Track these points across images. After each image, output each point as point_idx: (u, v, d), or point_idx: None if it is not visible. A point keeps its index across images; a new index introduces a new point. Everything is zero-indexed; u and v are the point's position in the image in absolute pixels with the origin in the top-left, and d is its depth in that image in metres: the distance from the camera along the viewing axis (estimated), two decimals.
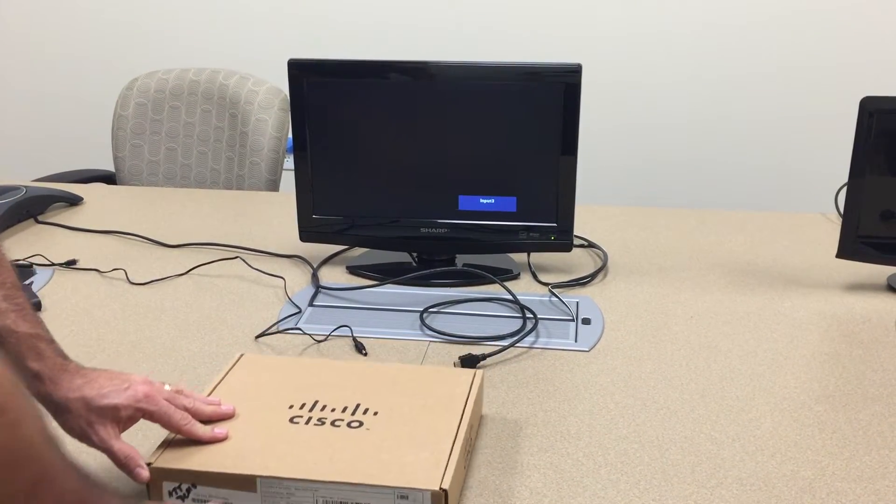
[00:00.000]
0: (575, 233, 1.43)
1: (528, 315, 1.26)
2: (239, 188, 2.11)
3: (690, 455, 0.95)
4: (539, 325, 1.24)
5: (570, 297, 1.36)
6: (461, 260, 1.46)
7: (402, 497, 0.80)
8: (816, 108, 2.57)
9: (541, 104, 1.35)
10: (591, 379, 1.11)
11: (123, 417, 0.83)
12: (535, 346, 1.20)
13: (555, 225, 1.40)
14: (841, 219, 1.37)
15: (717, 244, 1.57)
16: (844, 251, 1.36)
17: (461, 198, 1.41)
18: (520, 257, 1.49)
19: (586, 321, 1.27)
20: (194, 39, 2.81)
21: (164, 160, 2.21)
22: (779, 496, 0.88)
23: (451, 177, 1.41)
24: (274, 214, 1.75)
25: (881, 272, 1.40)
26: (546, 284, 1.40)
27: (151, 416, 0.84)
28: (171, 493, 0.84)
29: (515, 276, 1.44)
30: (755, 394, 1.07)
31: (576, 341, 1.21)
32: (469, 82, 1.36)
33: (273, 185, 2.10)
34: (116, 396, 0.82)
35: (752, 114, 2.62)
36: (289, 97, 1.41)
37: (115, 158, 2.23)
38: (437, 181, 1.41)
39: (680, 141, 2.68)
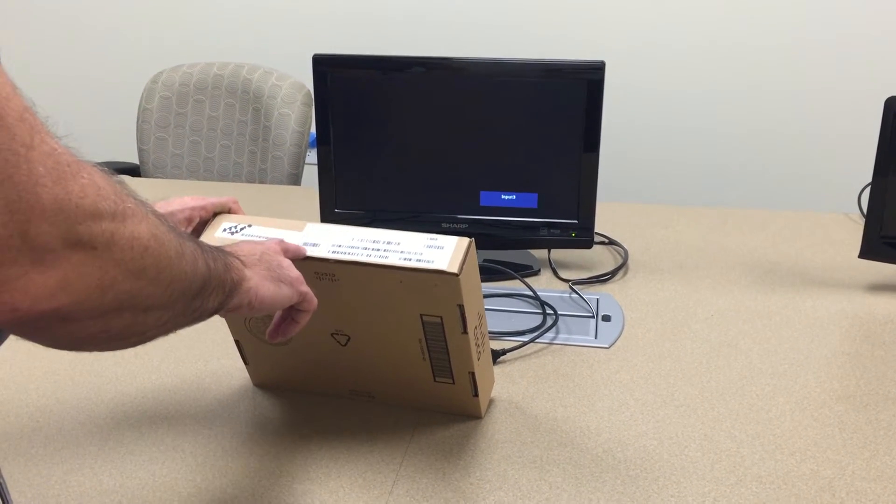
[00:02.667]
0: (596, 230, 1.43)
1: (548, 311, 1.27)
2: (261, 182, 2.13)
3: (710, 453, 0.95)
4: (559, 322, 1.25)
5: (591, 293, 1.36)
6: (482, 255, 1.47)
7: (432, 240, 0.88)
8: (840, 107, 2.55)
9: (563, 101, 1.35)
10: (610, 375, 1.11)
11: None
12: (556, 342, 1.20)
13: (576, 222, 1.40)
14: (863, 219, 1.37)
15: (739, 243, 1.57)
16: (867, 251, 1.35)
17: (482, 193, 1.42)
18: (540, 253, 1.50)
19: (606, 318, 1.27)
20: (219, 34, 2.83)
21: (187, 153, 2.23)
22: (798, 495, 0.88)
23: (472, 172, 1.41)
24: (296, 208, 1.76)
25: None
26: (566, 281, 1.40)
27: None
28: (224, 230, 0.90)
29: (536, 273, 1.44)
30: (775, 392, 1.07)
31: (596, 338, 1.21)
32: (492, 78, 1.37)
33: (295, 180, 2.11)
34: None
35: (774, 112, 2.60)
36: (312, 92, 1.42)
37: (140, 151, 2.26)
38: (458, 177, 1.42)
39: (701, 139, 2.67)
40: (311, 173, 1.79)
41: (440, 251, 0.86)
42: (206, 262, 0.67)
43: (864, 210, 1.39)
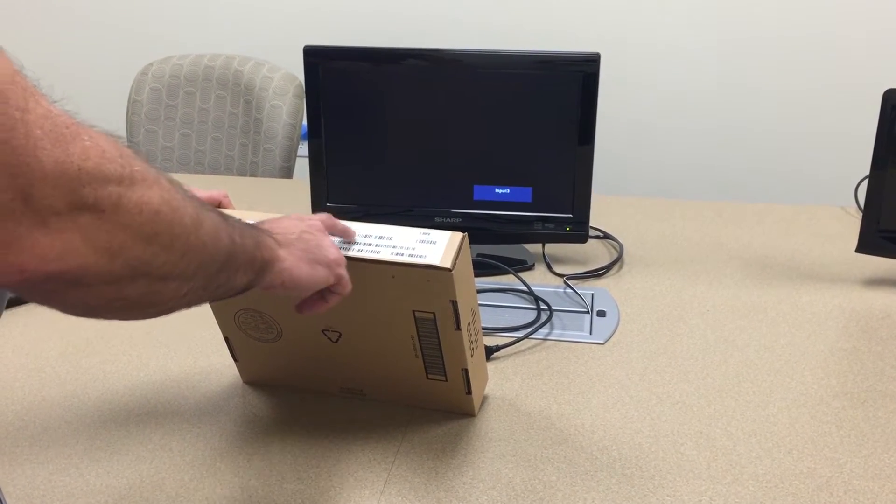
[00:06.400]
0: (590, 224, 1.42)
1: (542, 306, 1.25)
2: (253, 175, 2.11)
3: (706, 451, 0.94)
4: (554, 317, 1.23)
5: (585, 288, 1.34)
6: (475, 250, 1.45)
7: (425, 234, 0.86)
8: (836, 100, 2.54)
9: (558, 93, 1.33)
10: (605, 372, 1.10)
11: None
12: (550, 337, 1.19)
13: (570, 216, 1.39)
14: (860, 212, 1.35)
15: (735, 237, 1.56)
16: (864, 245, 1.34)
17: (476, 187, 1.40)
18: (534, 248, 1.48)
19: (601, 313, 1.26)
20: (210, 25, 2.80)
21: (178, 146, 2.21)
22: (795, 494, 0.87)
23: (466, 166, 1.40)
24: (287, 202, 1.74)
25: None
26: (561, 276, 1.39)
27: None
28: None
29: (530, 267, 1.42)
30: (772, 389, 1.06)
31: (591, 333, 1.20)
32: (486, 70, 1.35)
33: (287, 173, 2.09)
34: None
35: (771, 105, 2.59)
36: (304, 84, 1.40)
37: (130, 144, 2.22)
38: (452, 170, 1.40)
39: (697, 132, 2.65)
40: (303, 166, 1.77)
41: (433, 246, 0.85)
42: (231, 236, 0.65)
43: (861, 204, 1.38)
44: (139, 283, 0.56)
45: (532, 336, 1.18)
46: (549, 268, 1.42)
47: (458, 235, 0.86)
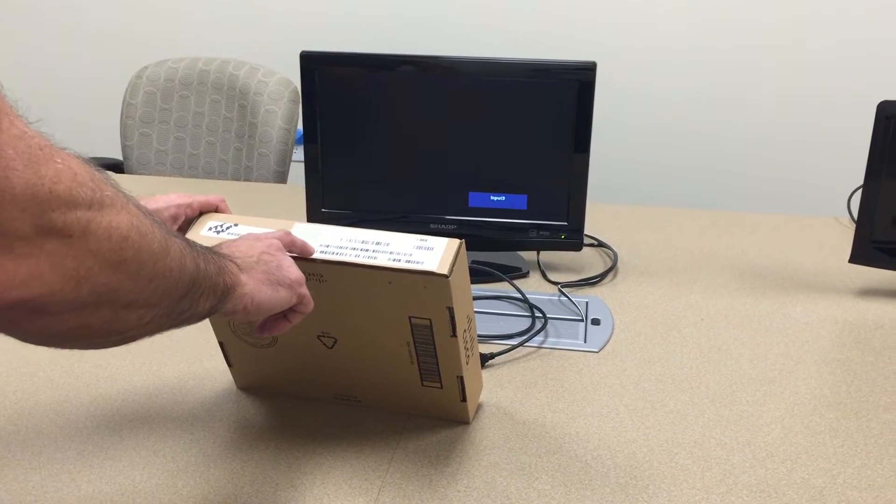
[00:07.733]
0: (585, 232, 1.42)
1: (537, 314, 1.26)
2: (247, 179, 2.10)
3: (700, 460, 0.94)
4: (548, 325, 1.23)
5: (580, 296, 1.35)
6: (470, 257, 1.45)
7: (422, 241, 0.86)
8: (830, 110, 2.55)
9: (554, 101, 1.34)
10: (600, 380, 1.10)
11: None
12: (544, 345, 1.19)
13: (565, 223, 1.39)
14: (853, 223, 1.36)
15: (729, 246, 1.56)
16: (857, 256, 1.35)
17: (471, 194, 1.40)
18: (529, 255, 1.48)
19: (596, 322, 1.26)
20: (205, 29, 2.80)
21: (172, 150, 2.20)
22: None
23: (461, 173, 1.40)
24: (282, 207, 1.74)
25: (894, 278, 1.39)
26: (555, 283, 1.39)
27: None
28: (210, 229, 0.89)
29: (525, 275, 1.43)
30: (766, 399, 1.06)
31: (585, 342, 1.20)
32: (482, 78, 1.35)
33: (281, 177, 2.09)
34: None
35: (765, 114, 2.60)
36: (299, 89, 1.40)
37: (124, 147, 2.23)
38: (447, 177, 1.40)
39: (692, 141, 2.66)
40: (297, 171, 1.76)
41: (430, 252, 0.85)
42: (196, 262, 0.64)
43: (855, 214, 1.38)
44: (103, 311, 0.55)
45: (526, 344, 1.18)
46: (544, 275, 1.42)
47: (456, 242, 0.86)
